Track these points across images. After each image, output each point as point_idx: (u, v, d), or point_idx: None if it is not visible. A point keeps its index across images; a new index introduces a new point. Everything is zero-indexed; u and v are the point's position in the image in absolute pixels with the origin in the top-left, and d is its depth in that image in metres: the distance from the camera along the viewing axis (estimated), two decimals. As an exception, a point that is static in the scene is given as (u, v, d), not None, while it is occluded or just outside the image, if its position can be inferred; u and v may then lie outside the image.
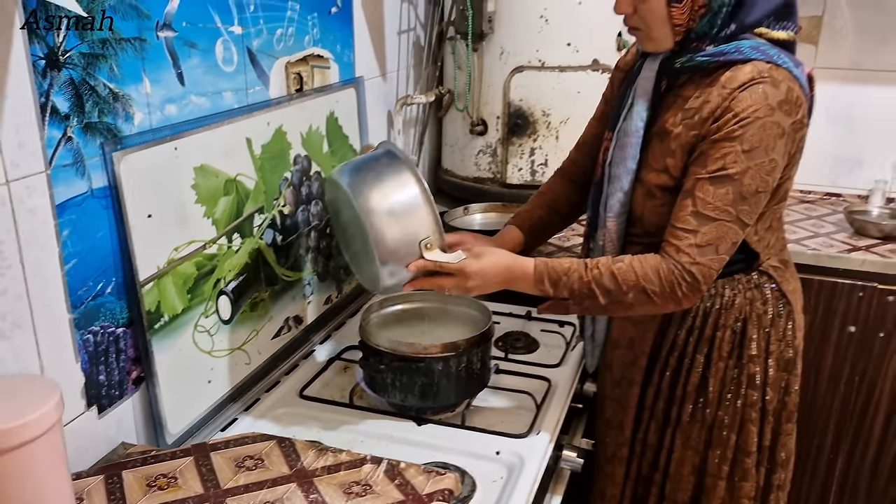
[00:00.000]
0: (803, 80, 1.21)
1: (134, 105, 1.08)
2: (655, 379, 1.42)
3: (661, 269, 1.20)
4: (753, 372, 1.36)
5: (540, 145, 2.01)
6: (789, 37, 1.24)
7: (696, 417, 1.40)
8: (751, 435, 1.39)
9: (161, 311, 1.15)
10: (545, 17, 1.92)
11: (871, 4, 2.25)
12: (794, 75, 1.19)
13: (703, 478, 1.43)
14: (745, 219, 1.19)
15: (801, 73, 1.20)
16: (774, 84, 1.16)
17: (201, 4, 1.20)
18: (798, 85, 1.19)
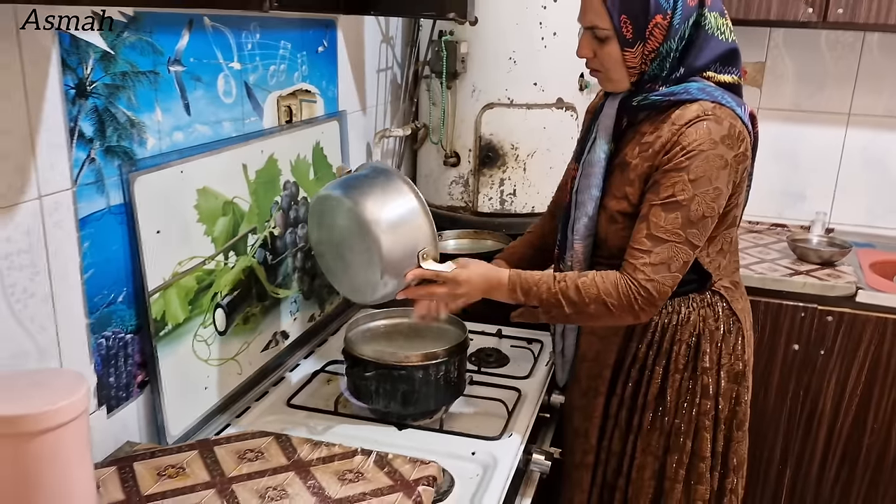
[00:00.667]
0: (745, 118, 1.36)
1: (147, 131, 1.19)
2: (619, 390, 1.55)
3: (619, 284, 1.33)
4: (707, 383, 1.50)
5: (509, 176, 2.16)
6: (734, 80, 1.40)
7: (655, 425, 1.52)
8: (705, 441, 1.52)
9: (166, 319, 1.25)
10: (513, 59, 2.08)
11: (808, 51, 2.46)
12: (736, 113, 1.34)
13: (662, 481, 1.56)
14: (694, 240, 1.34)
15: (743, 112, 1.36)
16: (717, 121, 1.31)
17: (206, 42, 1.32)
18: (740, 122, 1.35)
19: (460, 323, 1.57)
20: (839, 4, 2.06)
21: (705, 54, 1.37)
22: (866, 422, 2.11)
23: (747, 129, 1.37)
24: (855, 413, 2.11)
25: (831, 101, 2.48)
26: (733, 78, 1.41)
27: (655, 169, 1.35)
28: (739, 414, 1.56)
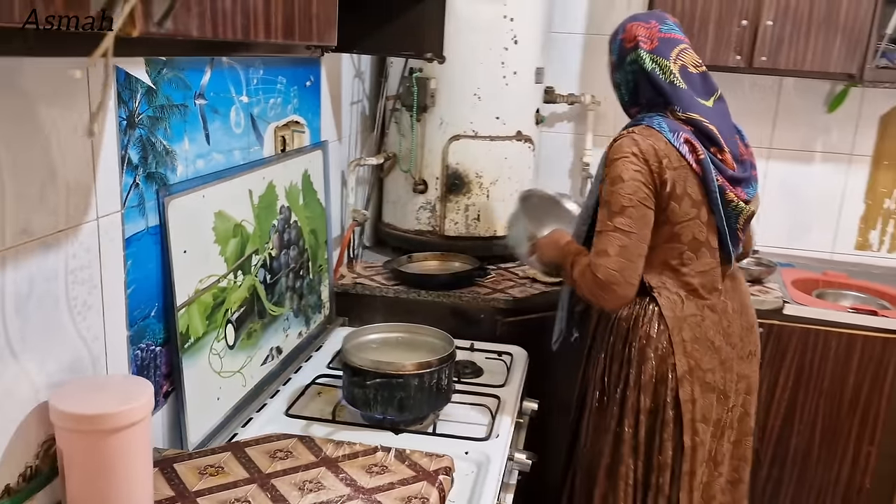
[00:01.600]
0: (675, 141, 1.59)
1: (178, 159, 1.30)
2: (588, 368, 1.86)
3: (584, 272, 1.64)
4: (630, 374, 1.72)
5: (473, 202, 2.33)
6: (687, 116, 1.63)
7: (601, 405, 1.78)
8: (628, 428, 1.74)
9: (189, 333, 1.35)
10: (478, 95, 2.26)
11: (734, 93, 2.74)
12: (665, 137, 1.59)
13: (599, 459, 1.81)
14: (623, 227, 1.59)
15: (673, 138, 1.59)
16: (634, 139, 1.60)
17: (223, 78, 1.44)
18: (665, 143, 1.59)
19: (447, 336, 1.71)
20: (763, 53, 2.34)
21: (644, 90, 1.66)
22: (793, 424, 2.35)
23: (674, 149, 1.58)
24: (783, 416, 2.35)
25: (754, 136, 2.74)
26: (688, 115, 1.63)
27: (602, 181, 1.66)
28: (666, 416, 1.71)
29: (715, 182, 1.60)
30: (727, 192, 1.62)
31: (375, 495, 1.12)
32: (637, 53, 1.64)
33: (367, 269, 2.34)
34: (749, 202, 1.66)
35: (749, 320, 1.82)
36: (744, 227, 1.71)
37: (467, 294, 2.15)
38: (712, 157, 1.61)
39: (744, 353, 1.79)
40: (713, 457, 1.78)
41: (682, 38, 1.67)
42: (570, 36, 2.78)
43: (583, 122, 2.81)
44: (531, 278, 2.31)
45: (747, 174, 1.68)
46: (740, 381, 1.79)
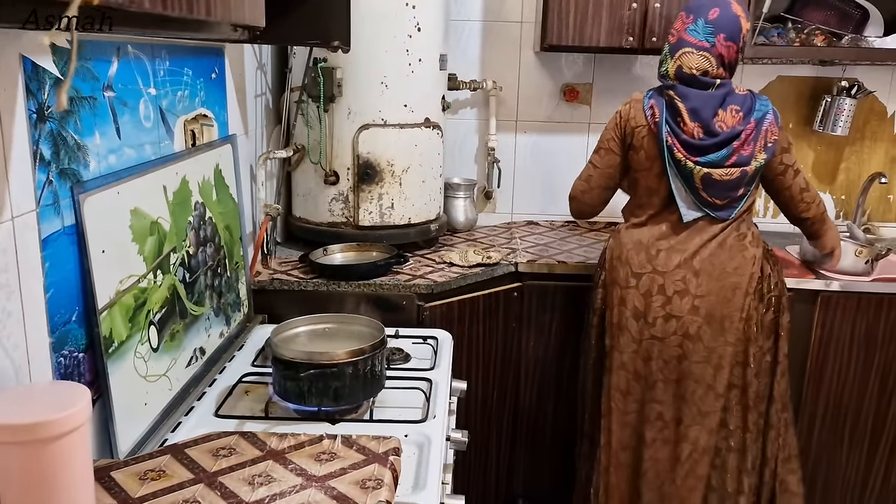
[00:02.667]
0: (645, 106, 2.01)
1: (90, 154, 1.24)
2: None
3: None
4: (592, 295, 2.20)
5: (387, 191, 2.33)
6: (668, 94, 1.99)
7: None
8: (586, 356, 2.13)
9: (112, 337, 1.28)
10: (385, 83, 2.26)
11: (626, 73, 2.87)
12: (643, 102, 2.02)
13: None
14: (594, 162, 2.14)
15: (646, 104, 2.01)
16: (625, 102, 2.09)
17: (130, 69, 1.38)
18: (636, 107, 2.03)
19: (376, 323, 1.70)
20: (653, 34, 2.45)
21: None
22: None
23: (643, 112, 2.01)
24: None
25: (647, 115, 2.90)
26: (668, 92, 2.00)
27: None
28: (607, 358, 2.06)
29: (664, 141, 1.96)
30: (675, 152, 1.96)
31: (329, 482, 1.11)
32: (665, 44, 2.03)
33: (282, 264, 2.29)
34: (704, 165, 1.95)
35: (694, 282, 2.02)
36: (704, 188, 1.97)
37: (387, 282, 2.15)
38: (673, 122, 1.96)
39: (683, 307, 2.02)
40: (640, 374, 2.08)
41: (696, 41, 1.94)
42: (468, 23, 2.82)
43: (485, 108, 2.87)
44: (448, 263, 2.34)
45: (711, 143, 1.94)
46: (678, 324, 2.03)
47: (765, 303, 2.04)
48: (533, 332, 2.46)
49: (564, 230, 2.89)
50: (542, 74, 2.88)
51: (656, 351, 2.05)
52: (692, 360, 2.03)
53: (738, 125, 1.95)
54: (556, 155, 2.95)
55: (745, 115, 1.95)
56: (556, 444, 2.58)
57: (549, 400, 2.53)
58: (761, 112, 1.96)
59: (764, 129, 1.96)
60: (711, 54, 1.94)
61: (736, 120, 1.95)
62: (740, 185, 1.97)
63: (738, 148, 1.94)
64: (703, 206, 2.00)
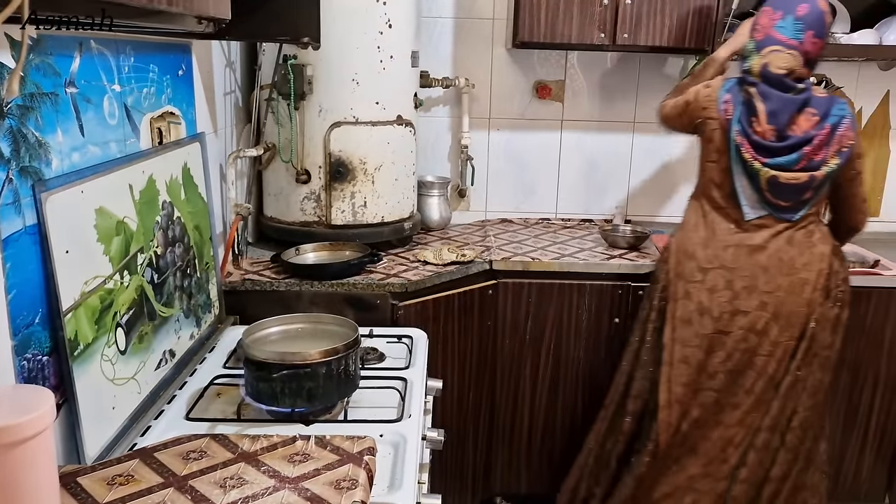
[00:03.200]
0: (720, 97, 2.02)
1: (52, 152, 1.20)
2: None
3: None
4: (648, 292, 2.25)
5: (359, 189, 2.31)
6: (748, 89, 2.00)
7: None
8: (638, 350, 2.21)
9: (78, 339, 1.25)
10: (356, 80, 2.24)
11: (598, 70, 2.88)
12: (720, 92, 2.03)
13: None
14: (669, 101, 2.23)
15: (722, 95, 2.03)
16: (707, 83, 2.12)
17: (93, 65, 1.34)
18: (713, 92, 2.06)
19: (350, 323, 1.68)
20: (624, 30, 2.46)
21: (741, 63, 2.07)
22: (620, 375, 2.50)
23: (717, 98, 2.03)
24: (666, 371, 2.50)
25: (619, 111, 2.91)
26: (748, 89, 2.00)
27: None
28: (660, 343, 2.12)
29: (733, 139, 1.97)
30: (743, 151, 1.97)
31: (303, 483, 1.09)
32: (750, 38, 2.01)
33: (253, 264, 2.26)
34: (772, 167, 1.95)
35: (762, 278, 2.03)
36: (770, 189, 1.97)
37: (361, 281, 2.13)
38: (745, 121, 1.96)
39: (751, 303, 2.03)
40: (702, 367, 2.08)
41: (785, 39, 1.93)
42: (440, 20, 2.81)
43: (458, 105, 2.85)
44: (423, 261, 2.32)
45: (783, 146, 1.94)
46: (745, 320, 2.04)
47: (831, 299, 2.05)
48: (508, 330, 2.45)
49: (538, 228, 2.89)
50: (514, 71, 2.87)
51: (720, 345, 2.06)
52: (757, 354, 2.05)
53: (812, 129, 1.94)
54: (529, 152, 2.95)
55: (821, 120, 1.94)
56: (532, 443, 2.57)
57: (525, 398, 2.53)
58: (837, 117, 1.95)
59: (839, 134, 1.94)
60: (799, 52, 1.93)
61: (811, 124, 1.94)
62: (808, 189, 1.97)
63: (809, 153, 1.93)
64: (766, 206, 2.00)
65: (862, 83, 2.87)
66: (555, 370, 2.50)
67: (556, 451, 2.58)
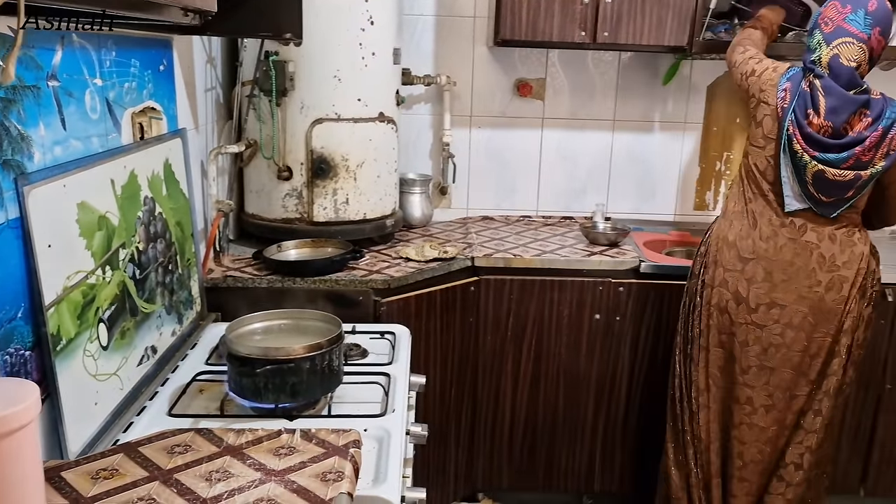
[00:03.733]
0: (780, 85, 2.01)
1: (34, 145, 1.19)
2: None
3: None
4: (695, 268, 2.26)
5: (341, 186, 2.31)
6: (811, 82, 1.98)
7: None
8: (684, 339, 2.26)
9: (60, 335, 1.24)
10: (338, 77, 2.24)
11: (578, 69, 2.90)
12: (783, 79, 2.02)
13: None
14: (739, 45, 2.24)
15: (782, 83, 2.01)
16: (775, 64, 2.10)
17: (75, 59, 1.34)
18: (777, 81, 2.02)
19: (334, 318, 1.68)
20: (605, 29, 2.48)
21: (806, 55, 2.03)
22: (655, 375, 2.53)
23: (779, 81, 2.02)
24: (647, 368, 2.53)
25: (599, 109, 2.94)
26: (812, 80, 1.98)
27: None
28: (695, 336, 2.18)
29: (786, 129, 1.96)
30: (794, 143, 1.95)
31: (289, 476, 1.09)
32: (816, 31, 1.99)
33: (235, 261, 2.25)
34: (820, 162, 1.93)
35: (803, 273, 2.04)
36: (814, 183, 1.96)
37: (344, 278, 2.13)
38: (800, 113, 1.95)
39: (788, 297, 2.05)
40: (736, 356, 2.12)
41: (856, 31, 1.92)
42: (421, 17, 2.82)
43: (439, 103, 2.86)
44: (405, 258, 2.33)
45: (837, 143, 1.93)
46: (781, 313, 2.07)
47: (867, 297, 2.07)
48: (490, 326, 2.47)
49: (520, 225, 2.91)
50: (495, 69, 2.89)
51: (754, 337, 2.08)
52: (792, 350, 2.07)
53: (865, 131, 1.93)
54: (510, 150, 2.97)
55: (874, 121, 1.94)
56: (514, 439, 2.59)
57: (507, 394, 2.54)
58: (890, 119, 1.94)
59: (890, 136, 1.94)
60: (867, 47, 1.93)
61: (864, 125, 1.94)
62: (851, 188, 1.97)
63: (859, 153, 1.93)
64: (807, 199, 2.00)
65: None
66: (536, 366, 2.51)
67: (538, 447, 2.60)
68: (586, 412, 2.56)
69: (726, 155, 2.98)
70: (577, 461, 2.61)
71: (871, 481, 2.63)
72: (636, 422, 2.57)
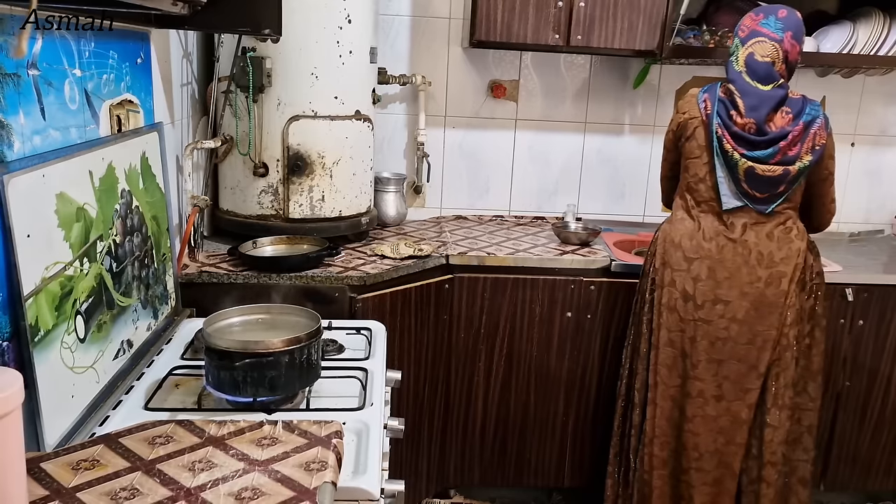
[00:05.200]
0: (699, 99, 2.14)
1: (14, 134, 1.18)
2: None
3: None
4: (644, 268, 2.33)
5: (317, 183, 2.31)
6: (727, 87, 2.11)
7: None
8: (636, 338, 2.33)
9: (39, 326, 1.23)
10: (315, 74, 2.24)
11: (551, 71, 2.94)
12: (697, 97, 2.15)
13: None
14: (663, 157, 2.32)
15: (700, 97, 2.14)
16: (685, 98, 2.23)
17: (55, 48, 1.33)
18: (694, 100, 2.16)
19: (312, 313, 1.69)
20: (578, 32, 2.52)
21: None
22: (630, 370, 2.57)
23: (698, 107, 2.14)
24: (616, 365, 2.57)
25: (571, 111, 2.98)
26: (727, 86, 2.11)
27: None
28: (644, 298, 2.25)
29: (714, 132, 2.08)
30: (724, 143, 2.07)
31: (272, 465, 1.10)
32: (734, 39, 2.13)
33: (210, 257, 2.24)
34: (750, 159, 2.05)
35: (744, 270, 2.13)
36: (747, 180, 2.08)
37: (320, 274, 2.14)
38: (725, 115, 2.07)
39: (731, 293, 2.14)
40: (686, 352, 2.19)
41: (770, 33, 2.05)
42: (397, 18, 2.83)
43: (415, 103, 2.88)
44: (380, 255, 2.34)
45: (762, 139, 2.05)
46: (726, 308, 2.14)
47: (806, 290, 2.16)
48: (463, 324, 2.49)
49: (492, 224, 2.94)
50: (469, 70, 2.92)
51: (702, 332, 2.16)
52: (738, 343, 2.15)
53: (787, 126, 2.05)
54: (483, 150, 3.00)
55: (795, 118, 2.06)
56: (486, 436, 2.61)
57: (479, 390, 2.57)
58: (811, 116, 2.06)
59: (812, 132, 2.06)
60: (781, 48, 2.05)
61: (785, 121, 2.06)
62: (782, 183, 2.08)
63: (784, 147, 2.05)
64: (743, 197, 2.11)
65: (800, 89, 2.99)
66: (508, 363, 2.54)
67: (509, 444, 2.62)
68: (557, 409, 2.59)
69: (694, 158, 3.04)
70: (547, 457, 2.64)
71: (830, 476, 2.71)
72: (605, 419, 2.61)
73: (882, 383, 2.63)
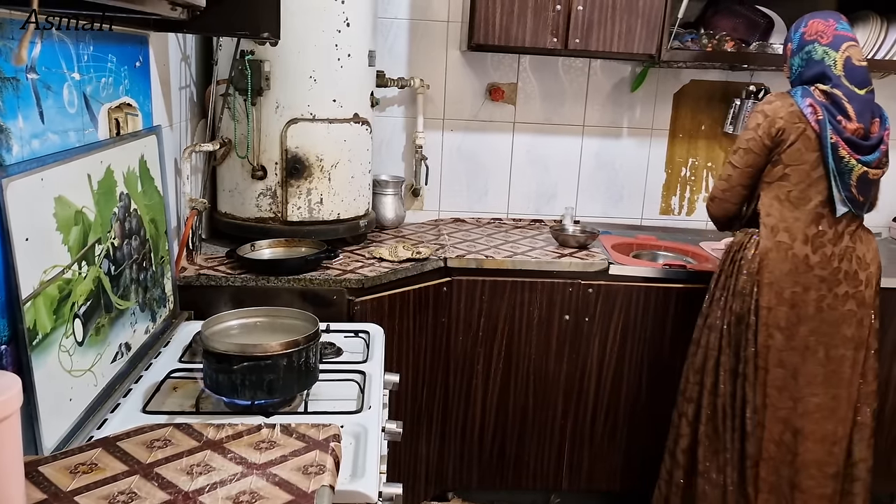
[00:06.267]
0: (801, 104, 2.06)
1: (13, 138, 1.19)
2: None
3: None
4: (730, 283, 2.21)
5: (315, 186, 2.31)
6: (826, 89, 2.07)
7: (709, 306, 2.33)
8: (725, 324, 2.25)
9: (37, 329, 1.23)
10: (314, 78, 2.25)
11: (549, 74, 2.95)
12: (795, 102, 2.07)
13: None
14: (734, 162, 2.17)
15: (801, 102, 2.06)
16: (769, 102, 2.11)
17: (54, 52, 1.33)
18: (790, 108, 2.07)
19: (310, 317, 1.69)
20: (576, 35, 2.53)
21: (809, 72, 2.10)
22: (622, 375, 2.58)
23: (799, 114, 2.06)
24: (615, 368, 2.57)
25: (569, 115, 2.99)
26: (826, 87, 2.07)
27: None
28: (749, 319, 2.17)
29: (829, 139, 2.03)
30: (840, 150, 2.03)
31: (270, 469, 1.10)
32: (813, 46, 2.08)
33: (208, 260, 2.24)
34: (863, 164, 2.05)
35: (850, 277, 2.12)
36: (858, 185, 2.07)
37: (318, 277, 2.14)
38: (834, 122, 2.03)
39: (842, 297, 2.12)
40: (799, 370, 2.14)
41: (852, 36, 2.07)
42: (395, 21, 2.84)
43: (413, 106, 2.89)
44: (378, 258, 2.34)
45: (869, 144, 2.06)
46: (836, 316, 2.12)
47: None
48: (462, 326, 2.49)
49: (490, 227, 2.94)
50: (468, 73, 2.92)
51: (815, 344, 2.13)
52: (847, 349, 2.14)
53: (879, 130, 2.09)
54: (482, 153, 3.00)
55: (882, 121, 2.09)
56: (484, 438, 2.61)
57: (477, 394, 2.57)
58: (887, 119, 2.10)
59: (887, 133, 2.10)
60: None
61: (876, 126, 2.08)
62: (876, 185, 2.12)
63: (883, 151, 2.09)
64: (850, 202, 2.09)
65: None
66: (506, 366, 2.54)
67: (507, 447, 2.62)
68: (555, 412, 2.59)
69: (692, 161, 3.05)
70: (545, 460, 2.64)
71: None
72: (603, 421, 2.62)
73: (881, 384, 2.63)
